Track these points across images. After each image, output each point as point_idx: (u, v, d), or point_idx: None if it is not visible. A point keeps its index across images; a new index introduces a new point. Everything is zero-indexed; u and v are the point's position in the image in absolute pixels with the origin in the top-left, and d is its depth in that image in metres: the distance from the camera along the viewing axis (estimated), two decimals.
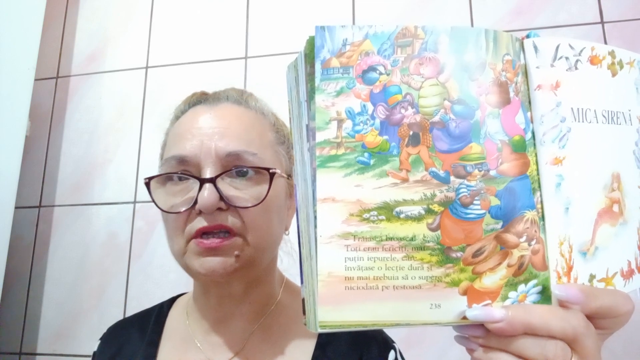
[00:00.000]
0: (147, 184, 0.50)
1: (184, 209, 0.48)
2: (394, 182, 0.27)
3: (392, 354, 0.54)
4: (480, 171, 0.28)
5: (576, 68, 0.30)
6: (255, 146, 0.50)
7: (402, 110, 0.27)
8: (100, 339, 0.61)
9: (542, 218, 0.29)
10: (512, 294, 0.28)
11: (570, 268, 0.29)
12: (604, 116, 0.31)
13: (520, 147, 0.29)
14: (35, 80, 1.17)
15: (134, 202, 1.18)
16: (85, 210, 1.20)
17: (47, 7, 1.20)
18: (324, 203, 0.27)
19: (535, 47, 0.30)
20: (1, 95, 1.07)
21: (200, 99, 0.56)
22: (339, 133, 0.27)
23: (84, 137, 1.25)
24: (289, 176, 0.54)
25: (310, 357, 0.52)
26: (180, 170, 0.49)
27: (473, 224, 0.27)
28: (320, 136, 0.27)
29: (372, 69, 0.28)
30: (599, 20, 1.06)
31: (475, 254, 0.28)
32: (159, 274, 1.12)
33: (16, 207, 1.09)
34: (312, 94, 0.28)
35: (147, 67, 1.26)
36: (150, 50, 1.27)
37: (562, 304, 0.28)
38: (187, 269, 0.50)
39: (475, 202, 0.27)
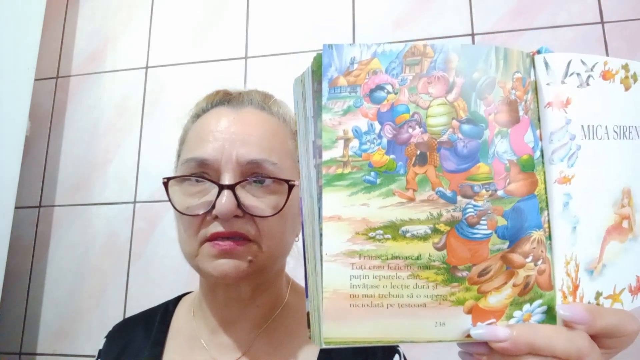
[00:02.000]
0: (165, 184, 0.50)
1: (201, 212, 0.47)
2: (400, 201, 0.27)
3: (396, 358, 0.55)
4: (487, 191, 0.27)
5: (588, 84, 0.30)
6: (276, 155, 0.50)
7: (410, 130, 0.27)
8: (106, 336, 0.61)
9: (549, 237, 0.28)
10: (517, 313, 0.28)
11: (576, 287, 0.29)
12: (615, 131, 0.30)
13: (529, 167, 0.28)
14: (35, 80, 1.16)
15: (134, 202, 1.18)
16: (85, 210, 1.20)
17: (47, 7, 1.19)
18: (329, 221, 0.27)
19: (546, 64, 0.29)
20: (1, 95, 1.06)
21: (223, 100, 0.55)
22: (346, 152, 0.27)
23: (84, 137, 1.25)
24: None
25: None
26: (200, 172, 0.49)
27: (479, 243, 0.27)
28: (326, 155, 0.27)
29: (379, 87, 0.27)
30: (599, 20, 1.05)
31: (481, 274, 0.27)
32: (159, 274, 1.12)
33: (16, 207, 1.08)
34: (319, 111, 0.27)
35: (147, 67, 1.26)
36: (150, 50, 1.27)
37: (567, 324, 0.28)
38: (199, 269, 0.50)
39: (482, 222, 0.27)
